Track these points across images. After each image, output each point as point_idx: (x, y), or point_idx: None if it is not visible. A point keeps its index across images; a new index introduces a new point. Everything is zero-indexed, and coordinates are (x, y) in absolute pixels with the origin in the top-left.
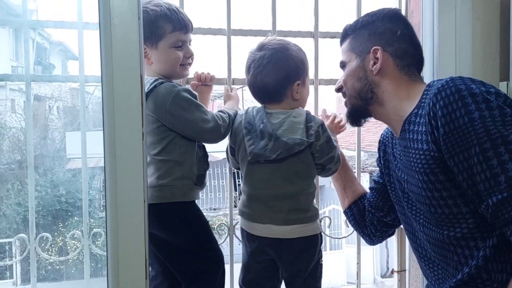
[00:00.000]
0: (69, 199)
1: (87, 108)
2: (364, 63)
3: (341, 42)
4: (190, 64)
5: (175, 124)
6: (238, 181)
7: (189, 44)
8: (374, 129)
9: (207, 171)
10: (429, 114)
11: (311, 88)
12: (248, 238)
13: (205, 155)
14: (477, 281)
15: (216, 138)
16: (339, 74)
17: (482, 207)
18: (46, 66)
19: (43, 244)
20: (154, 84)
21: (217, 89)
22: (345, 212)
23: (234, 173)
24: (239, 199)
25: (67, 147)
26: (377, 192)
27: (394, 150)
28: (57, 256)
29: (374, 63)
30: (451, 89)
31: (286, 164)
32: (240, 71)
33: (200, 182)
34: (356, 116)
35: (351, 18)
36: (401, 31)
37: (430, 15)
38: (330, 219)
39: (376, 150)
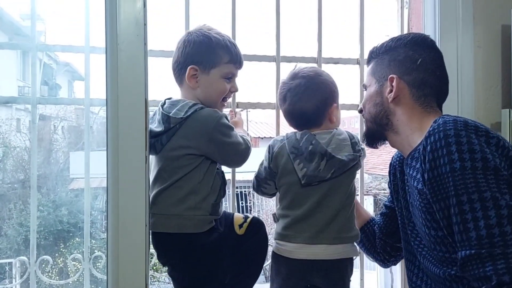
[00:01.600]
0: (71, 219)
1: (92, 128)
2: (382, 89)
3: (367, 64)
4: (227, 100)
5: (211, 150)
6: (242, 203)
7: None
8: (378, 152)
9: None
10: (422, 156)
11: None
12: (288, 263)
13: (223, 182)
14: None
15: (245, 160)
16: (347, 99)
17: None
18: (52, 86)
19: (43, 265)
20: (194, 108)
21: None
22: None
23: (237, 194)
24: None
25: (70, 167)
26: (388, 218)
27: (404, 176)
28: (57, 278)
29: (390, 91)
30: (440, 134)
31: (339, 182)
32: (243, 95)
33: (215, 211)
34: (371, 138)
35: (354, 44)
36: (422, 60)
37: None
38: None
39: (382, 174)
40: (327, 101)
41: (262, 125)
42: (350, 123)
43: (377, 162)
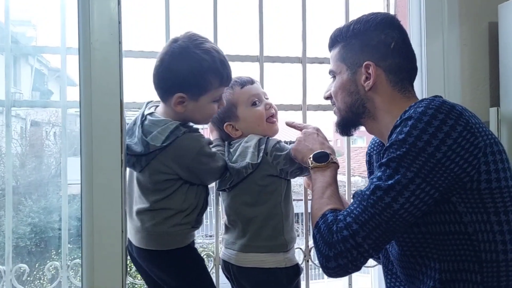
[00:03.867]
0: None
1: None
2: (356, 77)
3: (330, 48)
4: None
5: (190, 177)
6: None
7: None
8: None
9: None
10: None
11: (298, 114)
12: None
13: (207, 194)
14: None
15: (219, 177)
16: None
17: None
18: (44, 92)
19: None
20: (176, 135)
21: None
22: None
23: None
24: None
25: (62, 173)
26: None
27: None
28: (48, 285)
29: (367, 78)
30: (408, 113)
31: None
32: None
33: (198, 223)
34: (346, 127)
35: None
36: (395, 43)
37: (418, 41)
38: None
39: None
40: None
41: None
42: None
43: None
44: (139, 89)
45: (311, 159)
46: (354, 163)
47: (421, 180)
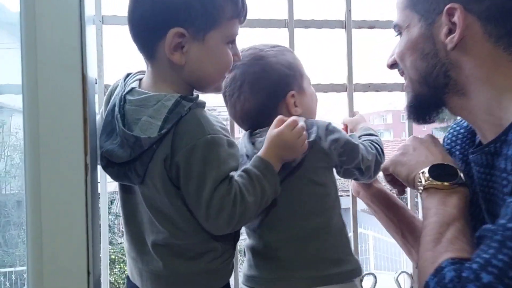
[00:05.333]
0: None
1: None
2: (433, 30)
3: None
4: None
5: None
6: None
7: None
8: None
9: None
10: None
11: (342, 96)
12: None
13: None
14: None
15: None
16: (381, 77)
17: None
18: None
19: None
20: (177, 113)
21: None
22: (417, 267)
23: None
24: None
25: None
26: None
27: (468, 163)
28: None
29: (450, 31)
30: None
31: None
32: None
33: (238, 236)
34: (420, 109)
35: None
36: None
37: None
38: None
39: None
40: (277, 91)
41: None
42: (395, 118)
43: None
44: (129, 67)
45: (426, 173)
46: None
47: None
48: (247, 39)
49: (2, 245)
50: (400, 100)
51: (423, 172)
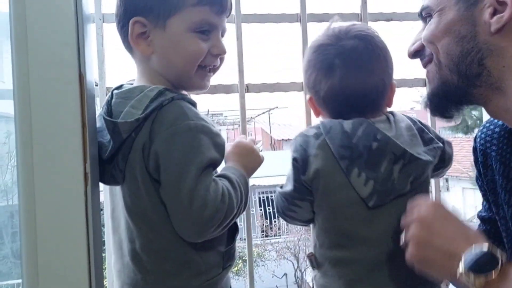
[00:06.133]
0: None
1: None
2: (474, 10)
3: None
4: (215, 68)
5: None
6: (268, 208)
7: (222, 36)
8: None
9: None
10: None
11: None
12: None
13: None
14: None
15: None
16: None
17: None
18: None
19: None
20: (159, 101)
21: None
22: None
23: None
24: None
25: None
26: (493, 236)
27: (508, 165)
28: None
29: (495, 12)
30: None
31: (419, 196)
32: (254, 74)
33: (230, 258)
34: (445, 100)
35: None
36: None
37: None
38: None
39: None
40: (391, 76)
41: (284, 128)
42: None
43: None
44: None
45: (464, 269)
46: None
47: None
48: (258, 34)
49: (10, 256)
50: (406, 103)
51: (461, 268)
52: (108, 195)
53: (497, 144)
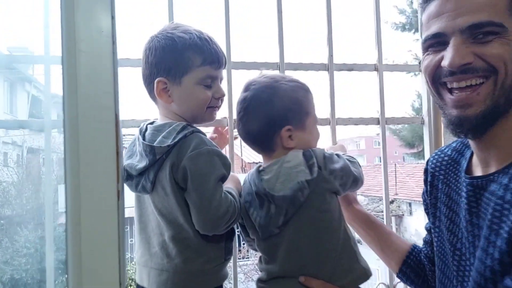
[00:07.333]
0: (59, 255)
1: None
2: None
3: None
4: (219, 107)
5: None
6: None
7: (220, 82)
8: (372, 173)
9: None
10: None
11: (326, 128)
12: None
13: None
14: None
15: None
16: (360, 112)
17: None
18: (40, 117)
19: None
20: (184, 133)
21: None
22: (397, 276)
23: None
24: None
25: (59, 201)
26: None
27: (458, 186)
28: None
29: None
30: None
31: (304, 221)
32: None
33: (229, 253)
34: (491, 121)
35: (370, 48)
36: None
37: None
38: None
39: (379, 195)
40: (274, 122)
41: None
42: (368, 143)
43: (372, 183)
44: (139, 104)
45: None
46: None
47: None
48: (239, 79)
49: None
50: (371, 128)
51: None
52: (135, 205)
53: (444, 170)
